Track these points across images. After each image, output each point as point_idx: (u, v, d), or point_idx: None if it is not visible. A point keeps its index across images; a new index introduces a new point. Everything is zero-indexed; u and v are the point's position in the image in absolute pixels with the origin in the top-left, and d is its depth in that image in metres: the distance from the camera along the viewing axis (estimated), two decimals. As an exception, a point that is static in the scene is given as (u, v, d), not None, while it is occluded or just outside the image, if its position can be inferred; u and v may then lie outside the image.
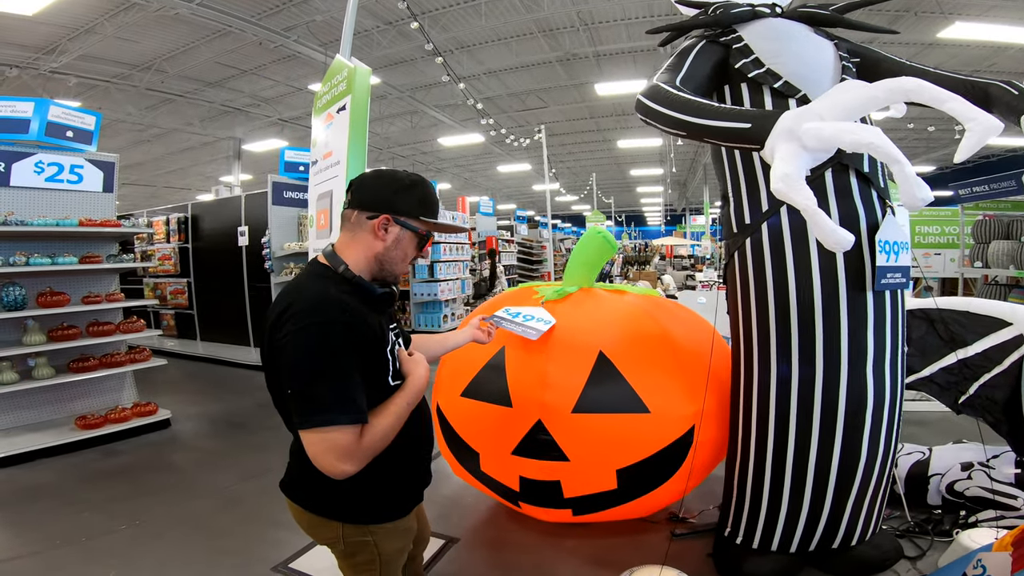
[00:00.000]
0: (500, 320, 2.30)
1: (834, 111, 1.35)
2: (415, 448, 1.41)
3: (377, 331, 1.26)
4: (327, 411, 1.08)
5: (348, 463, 1.10)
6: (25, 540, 2.76)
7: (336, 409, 1.09)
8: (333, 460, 1.09)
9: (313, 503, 1.32)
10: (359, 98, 2.34)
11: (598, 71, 11.87)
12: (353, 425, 1.10)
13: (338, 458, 1.09)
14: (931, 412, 4.08)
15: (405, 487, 1.41)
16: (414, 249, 1.36)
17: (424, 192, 1.34)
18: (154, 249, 8.56)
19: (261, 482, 3.46)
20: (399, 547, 1.41)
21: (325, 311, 1.15)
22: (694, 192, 27.93)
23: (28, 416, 4.26)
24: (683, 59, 2.09)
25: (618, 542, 2.59)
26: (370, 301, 1.28)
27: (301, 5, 8.65)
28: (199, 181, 21.03)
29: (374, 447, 1.15)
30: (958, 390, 2.68)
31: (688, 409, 2.32)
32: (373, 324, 1.25)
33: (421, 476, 1.46)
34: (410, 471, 1.41)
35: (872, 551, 2.22)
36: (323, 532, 1.34)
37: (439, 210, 1.35)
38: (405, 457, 1.36)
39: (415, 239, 1.34)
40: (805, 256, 2.02)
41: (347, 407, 1.10)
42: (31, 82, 9.81)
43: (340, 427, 1.08)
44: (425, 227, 1.35)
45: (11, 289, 3.94)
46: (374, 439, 1.14)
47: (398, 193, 1.31)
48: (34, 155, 4.19)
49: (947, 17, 8.37)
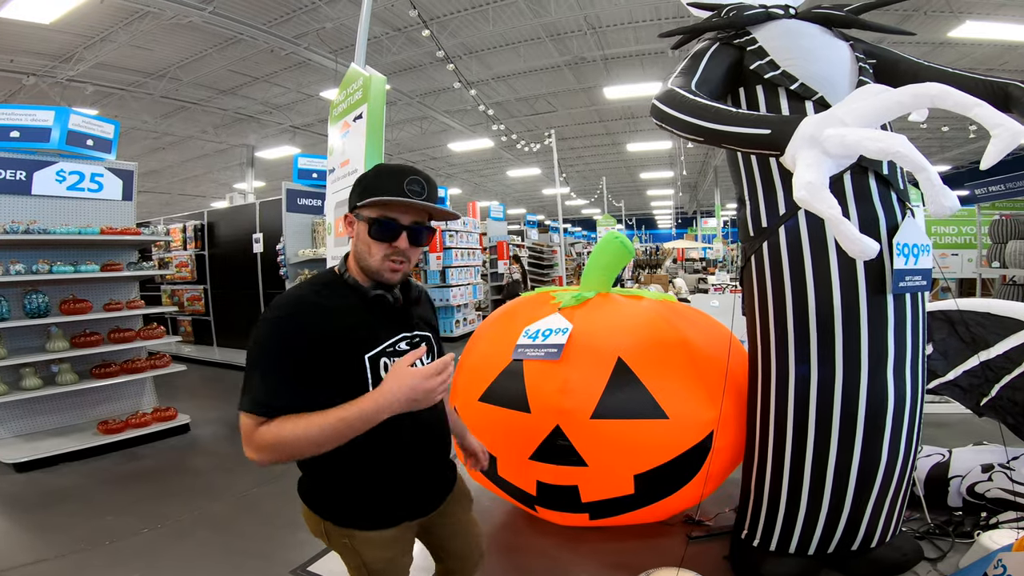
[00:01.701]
0: (524, 353, 2.36)
1: (857, 116, 1.33)
2: (397, 461, 1.32)
3: (346, 332, 1.23)
4: (243, 396, 1.15)
5: (249, 450, 1.13)
6: (50, 543, 2.81)
7: (247, 396, 1.14)
8: (244, 443, 1.14)
9: (304, 493, 1.37)
10: (375, 106, 2.37)
11: (606, 74, 11.87)
12: (251, 415, 1.13)
13: (244, 442, 1.14)
14: (951, 414, 4.03)
15: (383, 499, 1.32)
16: (372, 239, 1.26)
17: (368, 178, 1.30)
18: (171, 256, 8.67)
19: (279, 486, 3.50)
20: (386, 557, 1.34)
21: (278, 308, 1.21)
22: (705, 195, 27.80)
23: (51, 421, 4.33)
24: (697, 62, 2.08)
25: (634, 545, 2.60)
26: (366, 303, 1.28)
27: (311, 12, 8.75)
28: (213, 188, 21.25)
29: (278, 447, 1.11)
30: (980, 392, 2.66)
31: (706, 415, 2.32)
32: (340, 326, 1.22)
33: (408, 491, 1.36)
34: (389, 484, 1.32)
35: (892, 553, 2.20)
36: (312, 524, 1.36)
37: (394, 186, 1.24)
38: (383, 469, 1.30)
39: (366, 227, 1.27)
40: (824, 260, 2.02)
41: (255, 397, 1.13)
42: (48, 90, 9.97)
43: (244, 413, 1.13)
44: (368, 211, 1.27)
45: (35, 296, 4.02)
46: (278, 439, 1.10)
47: (354, 189, 1.31)
48: (55, 164, 4.26)
49: (957, 16, 8.30)
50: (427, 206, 1.27)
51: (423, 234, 1.32)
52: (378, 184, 1.26)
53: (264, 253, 7.17)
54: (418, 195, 1.25)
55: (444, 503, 1.48)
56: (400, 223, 1.27)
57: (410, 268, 1.33)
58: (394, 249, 1.27)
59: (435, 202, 1.31)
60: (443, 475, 1.49)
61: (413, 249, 1.30)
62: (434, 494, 1.45)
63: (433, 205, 1.28)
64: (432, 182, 1.31)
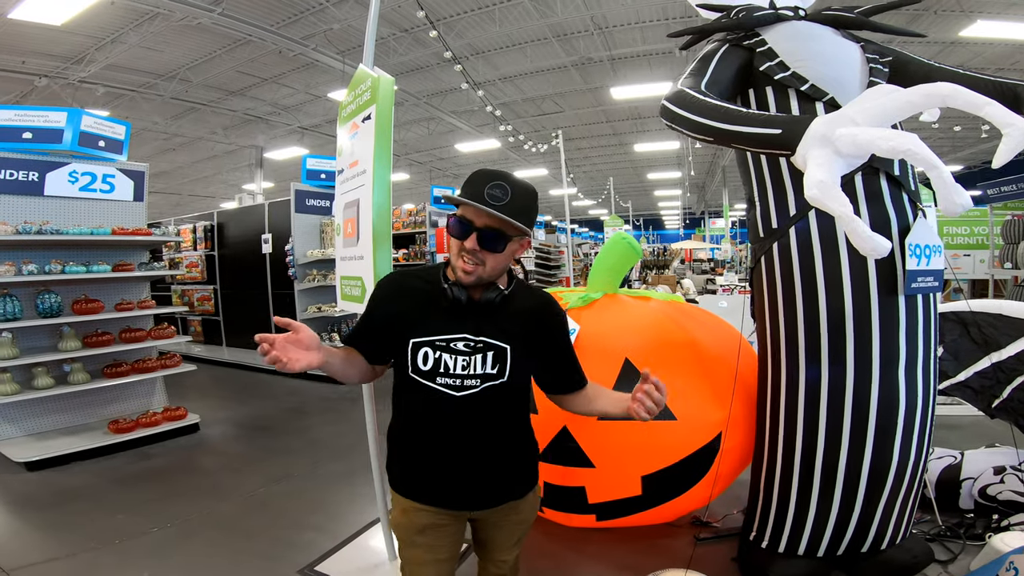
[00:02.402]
0: None
1: (868, 116, 1.32)
2: (422, 441, 1.42)
3: (403, 313, 1.40)
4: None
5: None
6: (61, 542, 2.83)
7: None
8: None
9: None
10: (383, 108, 2.36)
11: (613, 75, 11.85)
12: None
13: None
14: (963, 416, 4.00)
15: (409, 468, 1.45)
16: (450, 235, 1.36)
17: (465, 180, 1.36)
18: (182, 257, 8.74)
19: (288, 485, 3.52)
20: (401, 523, 1.45)
21: (381, 279, 1.52)
22: (713, 195, 27.70)
23: (62, 420, 4.37)
24: (707, 63, 2.08)
25: (641, 546, 2.59)
26: (434, 293, 1.38)
27: (318, 14, 8.79)
28: (223, 189, 21.40)
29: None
30: (991, 394, 2.64)
31: (714, 416, 2.31)
32: (402, 307, 1.41)
33: (432, 472, 1.41)
34: (416, 456, 1.44)
35: (902, 555, 2.18)
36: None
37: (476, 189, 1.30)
38: (412, 440, 1.44)
39: (448, 225, 1.36)
40: (835, 261, 2.00)
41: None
42: (60, 92, 10.07)
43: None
44: (453, 212, 1.36)
45: (47, 296, 4.05)
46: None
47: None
48: (68, 165, 4.30)
49: (968, 15, 8.24)
50: (493, 214, 1.27)
51: (497, 240, 1.31)
52: (467, 186, 1.33)
53: (273, 253, 7.21)
54: (498, 200, 1.28)
55: (492, 512, 1.48)
56: (474, 225, 1.30)
57: (485, 272, 1.34)
58: (464, 248, 1.32)
59: (520, 213, 1.31)
60: (486, 484, 1.45)
61: (487, 253, 1.32)
62: (468, 496, 1.44)
63: (501, 215, 1.27)
64: (522, 193, 1.32)
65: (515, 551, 1.58)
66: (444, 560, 1.46)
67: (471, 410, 1.37)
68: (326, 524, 2.95)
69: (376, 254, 2.33)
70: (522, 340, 1.42)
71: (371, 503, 2.94)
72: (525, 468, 1.53)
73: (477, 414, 1.38)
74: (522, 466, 1.52)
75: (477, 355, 1.36)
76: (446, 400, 1.36)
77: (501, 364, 1.38)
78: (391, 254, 2.38)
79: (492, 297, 1.37)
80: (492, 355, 1.37)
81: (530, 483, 1.54)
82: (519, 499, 1.50)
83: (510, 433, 1.48)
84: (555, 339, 1.52)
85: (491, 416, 1.41)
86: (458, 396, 1.36)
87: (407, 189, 23.21)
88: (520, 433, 1.52)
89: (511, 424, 1.48)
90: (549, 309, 1.52)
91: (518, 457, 1.51)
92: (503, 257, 1.35)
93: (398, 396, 1.46)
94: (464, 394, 1.36)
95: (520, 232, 1.34)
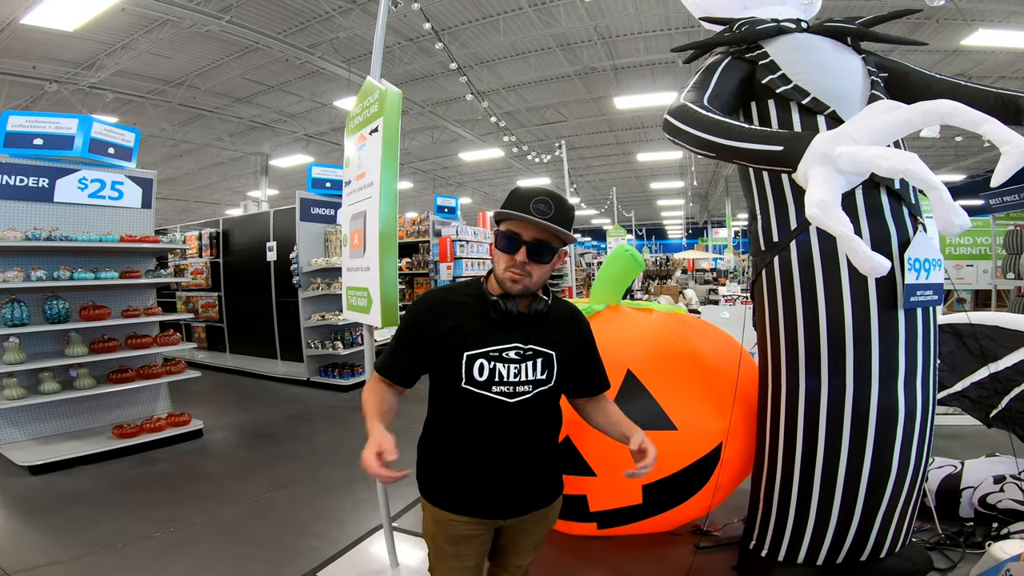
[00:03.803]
0: None
1: (868, 134, 1.33)
2: (466, 452, 1.45)
3: (452, 328, 1.42)
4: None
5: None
6: (65, 545, 2.85)
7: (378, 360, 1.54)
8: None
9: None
10: (390, 120, 2.40)
11: (616, 84, 11.90)
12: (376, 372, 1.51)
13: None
14: (964, 426, 3.99)
15: (448, 479, 1.47)
16: (498, 250, 1.42)
17: (508, 197, 1.42)
18: (187, 264, 8.78)
19: (290, 491, 3.53)
20: (433, 533, 1.50)
21: (416, 300, 1.51)
22: (716, 205, 27.68)
23: (67, 424, 4.40)
24: (709, 76, 2.09)
25: (641, 555, 2.59)
26: (483, 306, 1.42)
27: (325, 22, 8.87)
28: (228, 196, 21.49)
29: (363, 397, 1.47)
30: (989, 404, 2.66)
31: (715, 426, 2.32)
32: (451, 323, 1.42)
33: (474, 482, 1.45)
34: (457, 467, 1.46)
35: (901, 563, 2.19)
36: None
37: (521, 204, 1.37)
38: (456, 451, 1.46)
39: (495, 239, 1.43)
40: (835, 275, 2.02)
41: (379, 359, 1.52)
42: (70, 97, 10.15)
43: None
44: (501, 226, 1.42)
45: (55, 302, 4.09)
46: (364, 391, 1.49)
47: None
48: (77, 171, 4.35)
49: (970, 24, 8.25)
50: (546, 225, 1.35)
51: (544, 251, 1.39)
52: (511, 202, 1.39)
53: (277, 261, 7.24)
54: (544, 214, 1.35)
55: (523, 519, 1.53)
56: (522, 238, 1.38)
57: (531, 283, 1.41)
58: (514, 261, 1.38)
59: (563, 224, 1.38)
60: (527, 490, 1.52)
61: (534, 265, 1.39)
62: (507, 504, 1.49)
63: (551, 225, 1.35)
64: (564, 205, 1.39)
65: (532, 556, 1.64)
66: (471, 568, 1.51)
67: (523, 415, 1.44)
68: (328, 531, 2.97)
69: (383, 265, 2.36)
70: (563, 346, 1.50)
71: (373, 510, 2.95)
72: (557, 473, 1.61)
73: (528, 419, 1.46)
74: (555, 471, 1.61)
75: (527, 362, 1.43)
76: (501, 407, 1.42)
77: (549, 370, 1.47)
78: (397, 265, 2.41)
79: (540, 308, 1.44)
80: (541, 362, 1.45)
81: (560, 488, 1.62)
82: (549, 504, 1.57)
83: (551, 438, 1.56)
84: (589, 343, 1.62)
85: (539, 420, 1.50)
86: (511, 403, 1.43)
87: (411, 198, 23.28)
88: (556, 439, 1.60)
89: (552, 429, 1.57)
90: (580, 316, 1.63)
91: (554, 462, 1.60)
92: (547, 268, 1.43)
93: (440, 409, 1.50)
94: (517, 400, 1.43)
95: (565, 242, 1.42)
